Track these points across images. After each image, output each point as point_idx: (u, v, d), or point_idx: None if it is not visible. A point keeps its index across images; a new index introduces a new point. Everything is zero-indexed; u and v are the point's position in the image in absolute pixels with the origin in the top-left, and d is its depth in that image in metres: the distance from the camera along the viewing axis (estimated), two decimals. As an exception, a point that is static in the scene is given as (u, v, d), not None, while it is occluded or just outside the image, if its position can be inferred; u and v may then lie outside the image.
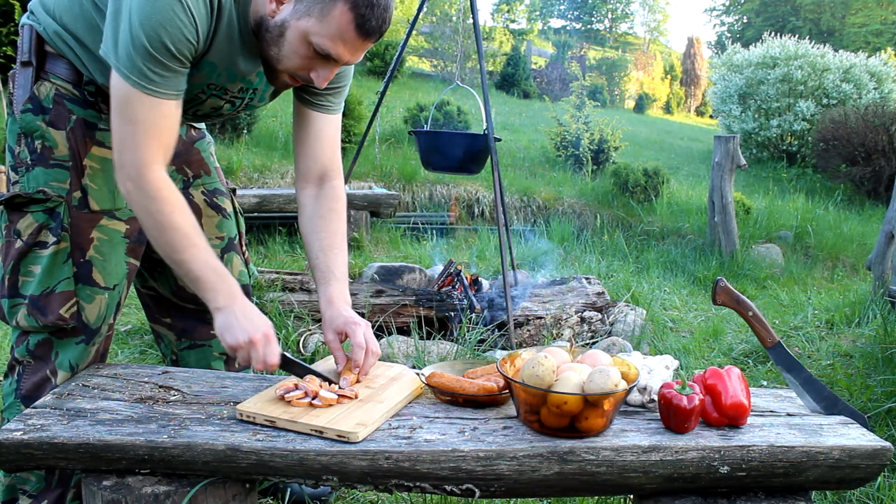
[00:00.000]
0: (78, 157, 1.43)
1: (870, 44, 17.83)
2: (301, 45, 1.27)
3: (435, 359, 2.68)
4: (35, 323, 1.40)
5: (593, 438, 1.19)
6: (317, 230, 1.54)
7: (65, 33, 1.39)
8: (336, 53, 1.26)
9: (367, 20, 1.23)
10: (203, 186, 1.70)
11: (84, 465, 1.19)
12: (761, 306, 4.14)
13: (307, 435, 1.20)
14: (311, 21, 1.23)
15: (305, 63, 1.30)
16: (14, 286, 1.41)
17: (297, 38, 1.26)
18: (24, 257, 1.40)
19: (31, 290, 1.41)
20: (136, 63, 1.22)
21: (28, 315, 1.40)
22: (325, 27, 1.23)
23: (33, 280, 1.41)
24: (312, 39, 1.25)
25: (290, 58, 1.30)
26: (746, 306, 1.42)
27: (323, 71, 1.31)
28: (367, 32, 1.24)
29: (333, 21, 1.22)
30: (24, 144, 1.41)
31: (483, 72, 3.05)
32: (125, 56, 1.23)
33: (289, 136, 7.45)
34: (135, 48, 1.21)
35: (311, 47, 1.26)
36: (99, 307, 1.47)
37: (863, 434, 1.25)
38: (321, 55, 1.27)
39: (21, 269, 1.41)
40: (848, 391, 2.46)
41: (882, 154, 7.73)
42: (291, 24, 1.25)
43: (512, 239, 3.98)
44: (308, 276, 3.18)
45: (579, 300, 3.36)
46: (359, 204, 5.79)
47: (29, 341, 1.44)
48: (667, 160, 9.53)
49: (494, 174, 3.13)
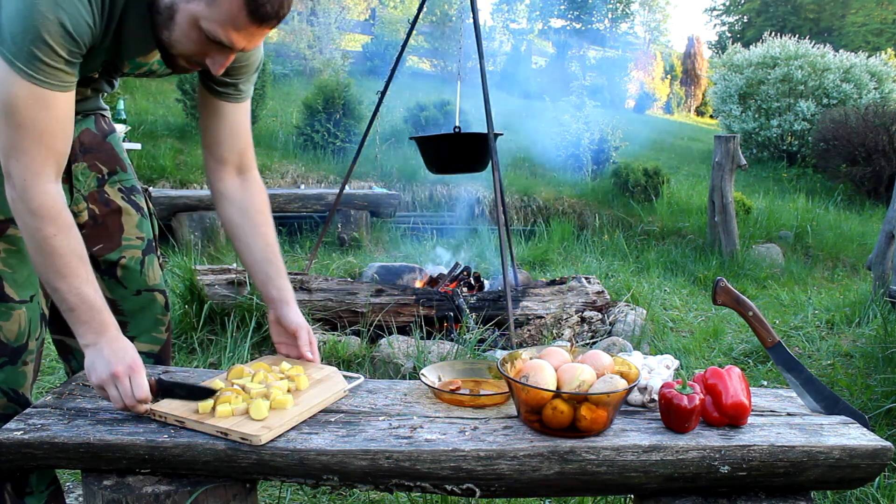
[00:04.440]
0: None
1: (870, 43, 17.84)
2: (191, 29, 1.16)
3: (435, 359, 2.69)
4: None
5: (594, 438, 1.19)
6: (257, 224, 1.49)
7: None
8: (228, 40, 1.15)
9: (260, 5, 1.11)
10: (120, 183, 1.57)
11: (84, 465, 1.20)
12: (761, 306, 4.14)
13: (214, 437, 1.17)
14: (200, 5, 1.13)
15: (198, 48, 1.19)
16: None
17: (186, 22, 1.15)
18: None
19: None
20: (24, 47, 1.08)
21: None
22: (215, 12, 1.12)
23: None
24: (202, 24, 1.14)
25: (181, 42, 1.19)
26: (746, 306, 1.42)
27: (219, 57, 1.21)
28: (261, 18, 1.13)
29: (224, 5, 1.11)
30: None
31: (483, 72, 3.05)
32: (10, 39, 1.08)
33: (289, 137, 7.45)
34: (24, 29, 1.08)
35: (202, 32, 1.15)
36: (19, 323, 1.35)
37: (863, 434, 1.25)
38: (214, 42, 1.16)
39: None
40: (848, 391, 2.46)
41: (882, 154, 7.73)
42: (181, 6, 1.15)
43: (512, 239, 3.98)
44: (309, 276, 3.18)
45: (579, 300, 3.36)
46: (359, 204, 5.78)
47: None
48: (667, 160, 9.53)
49: (494, 174, 3.13)
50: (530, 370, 1.24)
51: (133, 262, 1.55)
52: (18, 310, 1.35)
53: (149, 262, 1.59)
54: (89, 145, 1.51)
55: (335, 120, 7.14)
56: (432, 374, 1.48)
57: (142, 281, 1.57)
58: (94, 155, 1.52)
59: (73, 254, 1.19)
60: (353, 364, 2.79)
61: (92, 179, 1.51)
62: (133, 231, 1.57)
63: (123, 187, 1.57)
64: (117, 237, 1.54)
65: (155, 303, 1.60)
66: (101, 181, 1.53)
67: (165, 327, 1.62)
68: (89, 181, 1.51)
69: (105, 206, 1.53)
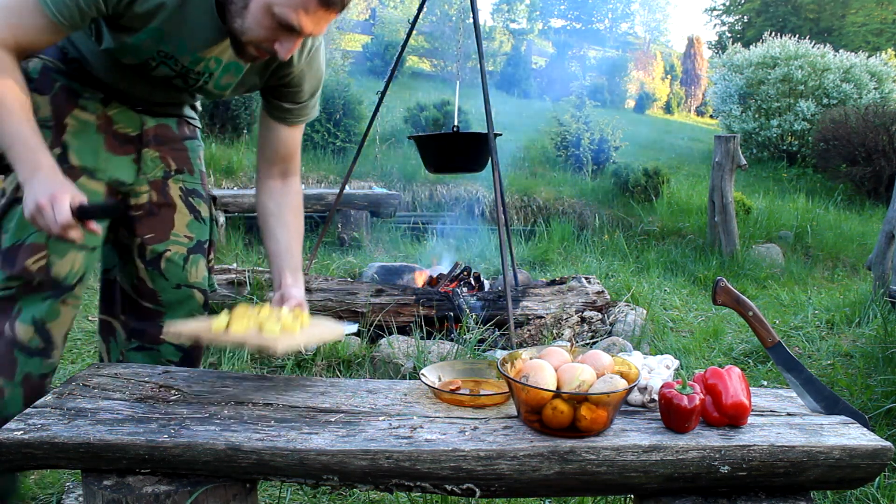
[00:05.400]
0: (59, 117, 1.48)
1: (870, 43, 17.83)
2: (264, 16, 1.29)
3: (435, 359, 2.69)
4: (2, 274, 1.41)
5: (594, 438, 1.19)
6: (288, 220, 1.64)
7: None
8: (298, 24, 1.28)
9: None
10: (183, 183, 1.69)
11: (84, 465, 1.20)
12: (761, 306, 4.14)
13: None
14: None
15: (269, 34, 1.32)
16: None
17: (260, 8, 1.29)
18: (5, 214, 1.45)
19: (5, 242, 1.43)
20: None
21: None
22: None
23: (7, 234, 1.43)
24: (275, 10, 1.27)
25: (253, 29, 1.32)
26: (746, 306, 1.42)
27: (286, 42, 1.33)
28: (329, 3, 1.27)
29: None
30: None
31: (483, 72, 3.05)
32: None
33: (289, 136, 7.45)
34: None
35: (274, 18, 1.28)
36: (72, 264, 1.47)
37: (863, 434, 1.25)
38: (284, 26, 1.29)
39: (3, 226, 1.44)
40: (848, 391, 2.46)
41: (882, 154, 7.72)
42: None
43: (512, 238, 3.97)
44: (309, 276, 3.18)
45: (579, 300, 3.36)
46: (359, 204, 5.78)
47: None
48: (667, 160, 9.52)
49: (494, 174, 3.13)
50: (530, 370, 1.24)
51: (177, 257, 1.66)
52: (76, 253, 1.47)
53: (193, 260, 1.69)
54: (164, 138, 1.65)
55: (335, 120, 7.13)
56: (432, 374, 1.48)
57: (183, 276, 1.67)
58: (166, 148, 1.66)
59: (16, 100, 1.30)
60: (353, 364, 2.79)
61: (159, 170, 1.65)
62: (183, 229, 1.68)
63: (185, 188, 1.69)
64: (167, 230, 1.66)
65: (192, 299, 1.70)
66: (167, 175, 1.66)
67: None
68: (156, 170, 1.64)
69: (163, 197, 1.66)
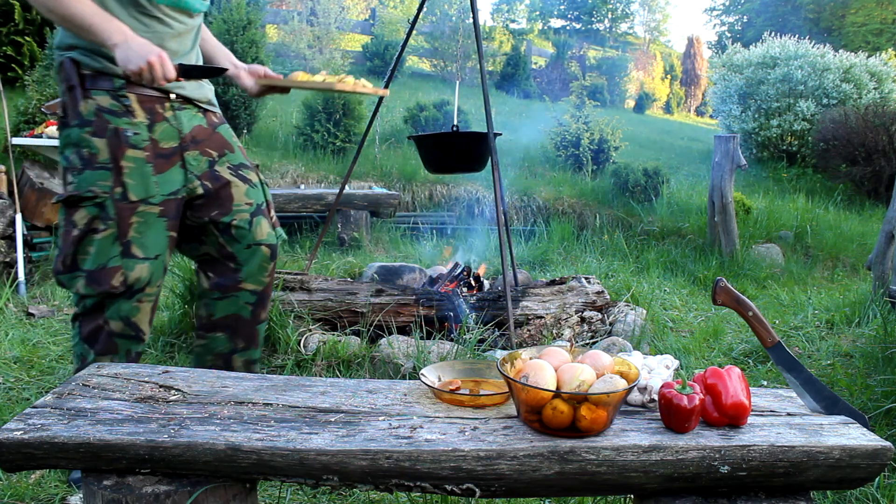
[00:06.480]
0: (116, 159, 1.76)
1: (870, 43, 17.82)
2: None
3: (435, 359, 2.69)
4: (92, 291, 1.77)
5: (594, 438, 1.19)
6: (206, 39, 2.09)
7: (82, 52, 1.74)
8: None
9: None
10: (228, 162, 1.98)
11: (84, 465, 1.20)
12: (761, 306, 4.14)
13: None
14: None
15: None
16: (74, 263, 1.77)
17: None
18: (80, 242, 1.76)
19: (88, 265, 1.77)
20: None
21: (87, 285, 1.77)
22: None
23: (89, 258, 1.77)
24: None
25: None
26: (746, 306, 1.42)
27: None
28: None
29: None
30: (74, 153, 1.76)
31: (483, 72, 3.05)
32: None
33: (288, 137, 7.45)
34: None
35: None
36: (141, 273, 1.81)
37: (863, 434, 1.25)
38: None
39: (80, 251, 1.77)
40: (848, 391, 2.46)
41: (882, 154, 7.72)
42: None
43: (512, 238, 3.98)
44: (308, 276, 3.18)
45: (579, 300, 3.36)
46: (359, 204, 5.78)
47: (86, 302, 1.83)
48: (667, 160, 9.52)
49: (494, 174, 3.13)
50: (530, 370, 1.24)
51: (243, 223, 1.97)
52: (142, 264, 1.81)
53: (256, 222, 2.00)
54: (200, 138, 1.93)
55: (335, 120, 7.13)
56: (432, 374, 1.48)
57: (251, 237, 1.99)
58: (204, 144, 1.94)
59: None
60: (352, 364, 2.79)
61: (204, 163, 1.92)
62: (242, 199, 1.98)
63: (231, 165, 1.99)
64: (229, 204, 1.96)
65: (259, 252, 2.01)
66: (212, 163, 1.95)
67: (268, 273, 2.04)
68: (201, 164, 1.92)
69: (216, 181, 1.94)
